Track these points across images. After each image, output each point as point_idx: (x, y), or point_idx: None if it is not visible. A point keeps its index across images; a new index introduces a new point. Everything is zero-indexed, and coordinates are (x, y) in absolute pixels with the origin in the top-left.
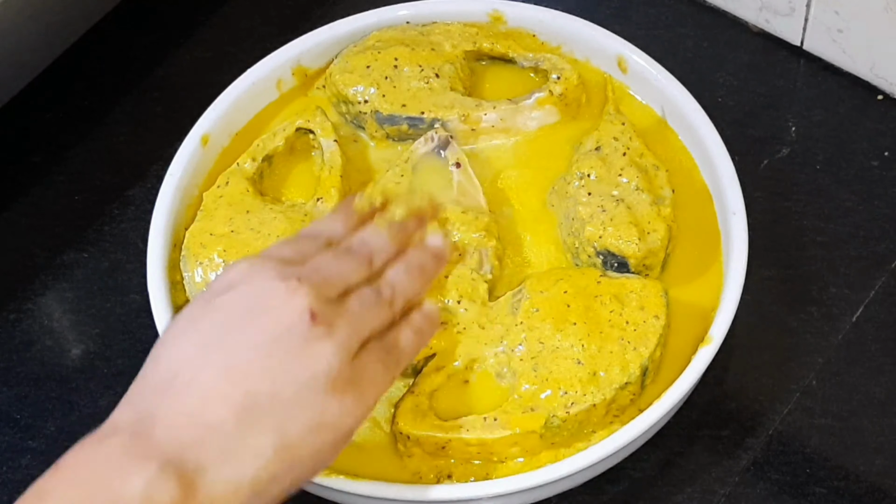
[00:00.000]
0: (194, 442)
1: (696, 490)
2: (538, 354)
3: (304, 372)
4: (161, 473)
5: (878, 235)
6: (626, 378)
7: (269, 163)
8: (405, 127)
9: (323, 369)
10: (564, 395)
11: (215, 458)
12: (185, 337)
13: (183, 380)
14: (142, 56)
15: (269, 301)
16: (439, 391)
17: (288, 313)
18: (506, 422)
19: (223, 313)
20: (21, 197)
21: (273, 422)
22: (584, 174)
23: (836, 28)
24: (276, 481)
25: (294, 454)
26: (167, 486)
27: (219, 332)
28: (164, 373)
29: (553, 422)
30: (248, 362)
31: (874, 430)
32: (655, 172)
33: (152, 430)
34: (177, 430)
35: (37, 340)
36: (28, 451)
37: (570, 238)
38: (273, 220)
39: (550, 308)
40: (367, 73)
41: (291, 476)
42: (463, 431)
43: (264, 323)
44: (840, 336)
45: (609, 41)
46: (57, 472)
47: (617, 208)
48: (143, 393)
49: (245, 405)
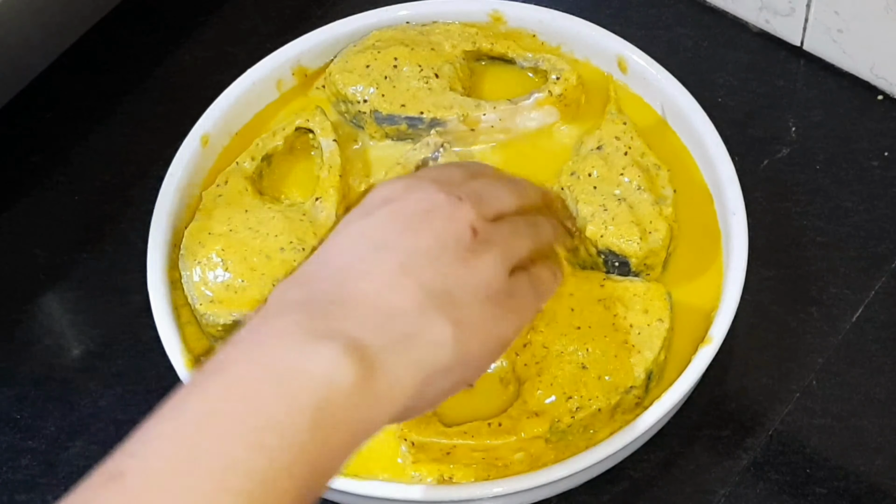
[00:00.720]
0: (376, 325)
1: (696, 490)
2: (543, 359)
3: (471, 279)
4: (344, 353)
5: (878, 235)
6: (631, 382)
7: (268, 162)
8: (404, 127)
9: (487, 279)
10: (569, 399)
11: (396, 343)
12: (353, 240)
13: (359, 270)
14: (142, 56)
15: (436, 211)
16: None
17: (453, 224)
18: (511, 427)
19: (390, 219)
20: (21, 197)
21: (450, 315)
22: (586, 173)
23: (837, 28)
24: (448, 375)
25: (467, 350)
26: (349, 367)
27: (388, 235)
28: (337, 266)
29: (558, 426)
30: (421, 263)
31: (874, 431)
32: (657, 172)
33: (331, 311)
34: (358, 313)
35: (37, 340)
36: (28, 452)
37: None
38: (271, 220)
39: (554, 312)
40: (367, 72)
41: (459, 373)
42: (468, 437)
43: (432, 230)
44: (840, 336)
45: (609, 41)
46: (234, 348)
47: (619, 207)
48: (315, 280)
49: (423, 297)
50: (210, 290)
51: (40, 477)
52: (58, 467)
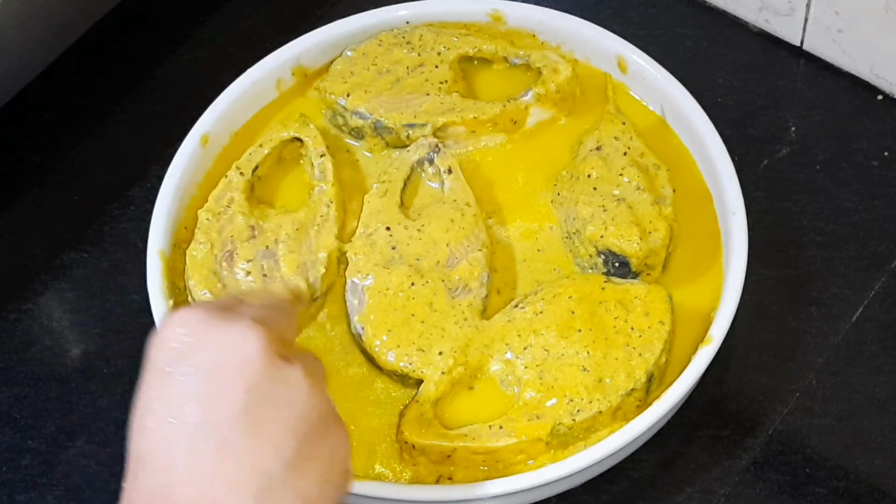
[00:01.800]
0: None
1: (696, 490)
2: (543, 362)
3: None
4: None
5: (877, 235)
6: (632, 384)
7: (258, 174)
8: (403, 133)
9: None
10: (570, 402)
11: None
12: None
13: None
14: (141, 56)
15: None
16: (444, 399)
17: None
18: (511, 429)
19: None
20: (21, 197)
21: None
22: (585, 174)
23: (836, 28)
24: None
25: None
26: None
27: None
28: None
29: (559, 429)
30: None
31: (874, 430)
32: (656, 172)
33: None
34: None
35: (36, 340)
36: (28, 452)
37: (571, 237)
38: (270, 230)
39: (555, 315)
40: (363, 84)
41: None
42: (468, 440)
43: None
44: (840, 336)
45: (609, 41)
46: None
47: (618, 208)
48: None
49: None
50: None
51: (40, 477)
52: (57, 467)
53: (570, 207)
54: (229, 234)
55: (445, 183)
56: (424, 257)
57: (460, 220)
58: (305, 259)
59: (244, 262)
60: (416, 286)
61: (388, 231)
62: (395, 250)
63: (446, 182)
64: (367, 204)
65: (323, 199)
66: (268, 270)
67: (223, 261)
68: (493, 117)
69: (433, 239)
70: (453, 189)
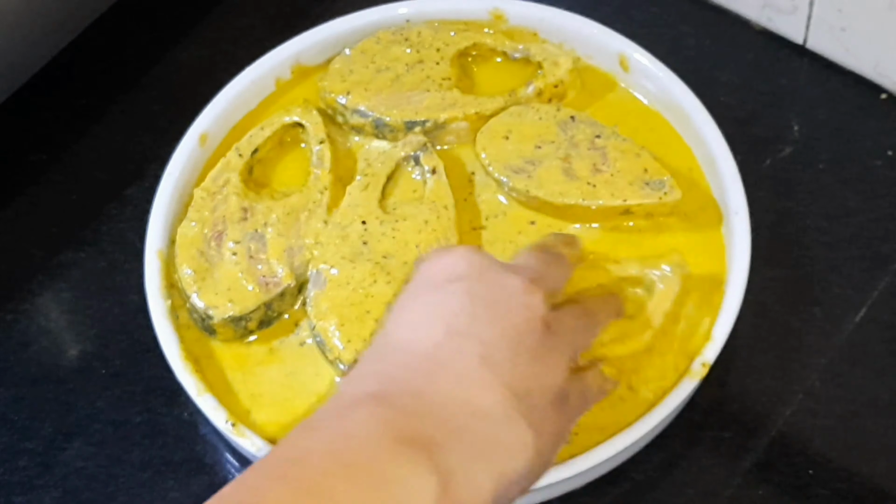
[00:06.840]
0: (459, 428)
1: (698, 492)
2: None
3: (544, 379)
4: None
5: (881, 235)
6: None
7: (258, 156)
8: (403, 131)
9: (556, 380)
10: None
11: (479, 450)
12: (425, 318)
13: (439, 361)
14: (139, 54)
15: (510, 299)
16: None
17: (527, 314)
18: None
19: (462, 300)
20: (18, 196)
21: (530, 420)
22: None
23: (840, 26)
24: (522, 481)
25: (541, 455)
26: (430, 480)
27: (462, 319)
28: (410, 349)
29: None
30: (501, 357)
31: (878, 432)
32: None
33: (411, 408)
34: (440, 412)
35: (34, 341)
36: (25, 453)
37: None
38: (264, 214)
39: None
40: (363, 84)
41: (531, 478)
42: None
43: (508, 320)
44: (843, 337)
45: (611, 39)
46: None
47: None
48: (389, 365)
49: (507, 398)
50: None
51: (37, 478)
52: (55, 468)
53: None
54: (221, 214)
55: (428, 183)
56: (393, 256)
57: (434, 223)
58: (293, 244)
59: (232, 242)
60: (378, 283)
61: (363, 225)
62: (366, 245)
63: (429, 182)
64: (349, 195)
65: (317, 185)
66: (254, 252)
67: (212, 240)
68: (495, 112)
69: (405, 239)
70: (434, 190)
